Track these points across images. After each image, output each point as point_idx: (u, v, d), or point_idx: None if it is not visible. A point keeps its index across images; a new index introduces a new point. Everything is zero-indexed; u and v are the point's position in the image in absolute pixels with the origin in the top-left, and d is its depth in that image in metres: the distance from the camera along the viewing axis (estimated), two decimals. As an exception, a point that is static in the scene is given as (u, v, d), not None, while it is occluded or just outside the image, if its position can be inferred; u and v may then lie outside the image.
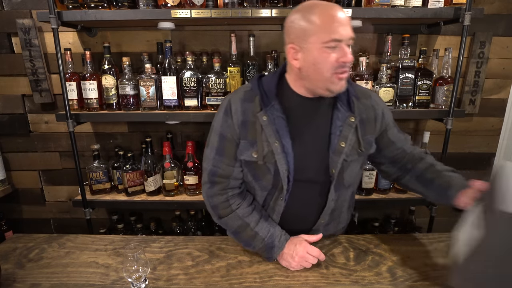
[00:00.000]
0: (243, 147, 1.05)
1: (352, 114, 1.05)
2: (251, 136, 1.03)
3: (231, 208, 1.08)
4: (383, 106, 1.14)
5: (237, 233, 1.09)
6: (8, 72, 1.85)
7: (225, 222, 1.11)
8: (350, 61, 0.94)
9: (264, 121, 1.00)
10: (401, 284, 0.95)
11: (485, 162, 2.05)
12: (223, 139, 1.06)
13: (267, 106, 1.01)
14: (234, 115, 1.04)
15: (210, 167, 1.09)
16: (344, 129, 1.04)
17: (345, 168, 1.07)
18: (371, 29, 1.82)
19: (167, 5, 1.52)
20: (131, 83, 1.64)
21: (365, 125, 1.08)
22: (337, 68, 0.94)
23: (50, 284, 0.96)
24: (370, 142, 1.11)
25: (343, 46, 0.93)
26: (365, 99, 1.10)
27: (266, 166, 1.04)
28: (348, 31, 0.93)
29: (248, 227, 1.06)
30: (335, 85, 0.97)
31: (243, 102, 1.05)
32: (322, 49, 0.92)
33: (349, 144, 1.04)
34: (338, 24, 0.91)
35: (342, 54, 0.93)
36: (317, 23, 0.91)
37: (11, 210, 2.09)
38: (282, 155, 1.01)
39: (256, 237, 1.05)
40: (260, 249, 1.06)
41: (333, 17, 0.91)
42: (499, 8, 1.78)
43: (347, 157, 1.05)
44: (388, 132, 1.15)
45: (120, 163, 1.83)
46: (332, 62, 0.93)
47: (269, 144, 1.01)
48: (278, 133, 1.01)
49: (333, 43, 0.91)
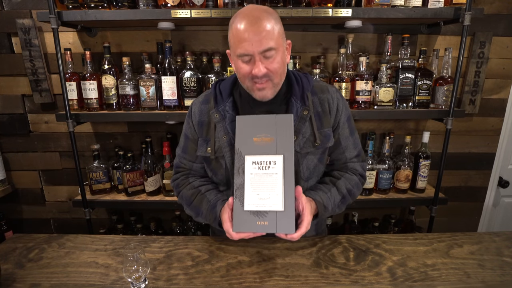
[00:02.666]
0: (200, 144, 1.13)
1: (305, 107, 1.05)
2: (206, 133, 1.12)
3: (189, 181, 1.18)
4: (340, 102, 1.11)
5: (191, 202, 1.13)
6: (8, 72, 1.85)
7: (182, 195, 1.17)
8: (260, 75, 0.93)
9: (216, 118, 1.07)
10: (401, 284, 0.95)
11: (485, 162, 2.05)
12: (186, 139, 1.18)
13: (219, 105, 1.08)
14: (193, 116, 1.14)
15: (177, 162, 1.23)
16: (297, 122, 1.05)
17: (300, 160, 1.07)
18: (371, 29, 1.82)
19: (167, 5, 1.52)
20: (131, 83, 1.64)
21: (321, 118, 1.09)
22: (252, 79, 0.96)
23: (50, 284, 0.96)
24: (327, 135, 1.09)
25: (255, 59, 0.92)
26: (322, 93, 1.10)
27: (219, 161, 1.10)
28: (256, 45, 0.90)
29: (199, 192, 1.13)
30: (255, 94, 1.00)
31: (201, 104, 1.14)
32: (239, 62, 0.96)
33: (302, 137, 1.06)
34: (243, 39, 0.90)
35: (254, 67, 0.93)
36: (230, 36, 0.96)
37: (11, 210, 2.09)
38: (228, 148, 1.06)
39: (204, 200, 1.10)
40: (206, 211, 1.07)
41: (239, 32, 0.91)
42: (499, 8, 1.78)
43: (301, 149, 1.06)
44: (338, 131, 1.12)
45: (120, 163, 1.83)
46: (245, 74, 0.96)
47: (219, 139, 1.07)
48: (227, 128, 1.07)
49: (243, 57, 0.94)
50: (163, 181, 1.78)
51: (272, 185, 0.90)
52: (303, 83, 1.07)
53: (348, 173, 1.15)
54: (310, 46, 1.85)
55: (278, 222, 0.89)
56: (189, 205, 1.14)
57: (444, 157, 1.70)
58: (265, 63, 0.93)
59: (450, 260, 1.06)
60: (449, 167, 2.01)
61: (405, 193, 1.84)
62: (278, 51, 0.94)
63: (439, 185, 1.74)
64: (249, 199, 0.91)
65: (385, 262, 1.05)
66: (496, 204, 2.17)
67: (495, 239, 1.18)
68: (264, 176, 0.91)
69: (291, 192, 0.90)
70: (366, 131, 1.96)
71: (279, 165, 0.91)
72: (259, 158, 0.92)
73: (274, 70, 0.95)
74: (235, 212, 0.91)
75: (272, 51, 0.92)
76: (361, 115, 1.64)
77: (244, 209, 0.90)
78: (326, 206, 1.05)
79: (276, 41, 0.92)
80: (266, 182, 0.91)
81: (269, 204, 0.89)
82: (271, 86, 0.99)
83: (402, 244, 1.15)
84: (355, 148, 1.17)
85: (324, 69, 1.77)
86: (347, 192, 1.12)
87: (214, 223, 1.05)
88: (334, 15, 1.50)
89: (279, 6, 1.54)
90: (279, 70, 0.96)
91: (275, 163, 0.91)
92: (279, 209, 0.89)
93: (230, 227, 0.93)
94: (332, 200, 1.07)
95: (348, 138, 1.14)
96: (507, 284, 0.95)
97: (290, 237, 0.90)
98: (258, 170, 0.92)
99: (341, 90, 1.66)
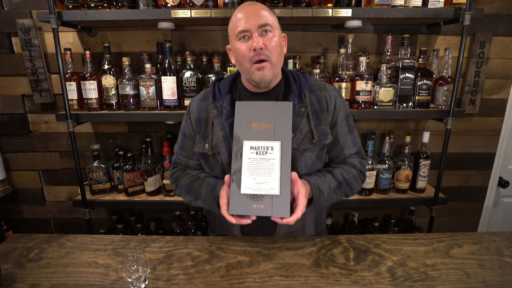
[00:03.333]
0: (198, 141, 1.15)
1: (303, 104, 1.06)
2: (204, 130, 1.13)
3: (186, 172, 1.20)
4: (338, 100, 1.12)
5: (190, 188, 1.13)
6: (8, 72, 1.85)
7: (180, 185, 1.17)
8: (258, 47, 0.96)
9: (213, 114, 1.09)
10: (401, 284, 0.95)
11: (485, 162, 2.05)
12: (184, 136, 1.21)
13: (217, 101, 1.10)
14: (191, 114, 1.17)
15: (174, 158, 1.26)
16: (295, 119, 1.05)
17: (298, 157, 1.08)
18: (371, 29, 1.82)
19: (167, 5, 1.52)
20: (131, 83, 1.64)
21: (319, 116, 1.09)
22: (252, 57, 0.98)
23: (50, 284, 0.96)
24: (325, 132, 1.09)
25: (253, 35, 0.97)
26: (320, 91, 1.11)
27: (216, 157, 1.11)
28: (253, 20, 0.96)
29: (199, 178, 1.14)
30: (254, 75, 1.01)
31: (199, 102, 1.16)
32: (238, 43, 1.00)
33: (300, 134, 1.06)
34: (242, 16, 0.97)
35: (252, 42, 0.97)
36: (230, 25, 1.03)
37: (11, 210, 2.09)
38: (224, 143, 1.07)
39: (204, 183, 1.10)
40: (206, 193, 1.07)
41: (238, 12, 1.00)
42: (499, 8, 1.78)
43: (298, 146, 1.06)
44: (336, 128, 1.13)
45: (120, 163, 1.83)
46: (246, 52, 0.99)
47: (216, 135, 1.08)
48: (224, 123, 1.08)
49: (242, 34, 0.98)
50: (163, 181, 1.78)
51: (269, 170, 0.92)
52: (300, 81, 1.08)
53: (346, 166, 1.15)
54: (310, 46, 1.85)
55: (274, 206, 0.90)
56: (188, 191, 1.14)
57: (444, 157, 1.70)
58: (263, 39, 0.97)
59: (450, 260, 1.06)
60: (449, 167, 2.01)
61: (405, 193, 1.84)
62: (275, 31, 0.99)
63: (439, 185, 1.74)
64: (246, 182, 0.92)
65: (385, 262, 1.05)
66: (496, 204, 2.17)
67: (495, 239, 1.18)
68: (261, 161, 0.93)
69: (287, 178, 0.91)
70: (366, 131, 1.96)
71: (276, 151, 0.93)
72: (257, 144, 0.94)
73: (271, 48, 0.98)
74: (232, 194, 0.93)
75: (269, 27, 0.98)
76: (361, 115, 1.64)
77: (240, 192, 0.92)
78: (321, 189, 1.04)
79: (273, 23, 0.99)
80: (263, 166, 0.92)
81: (265, 188, 0.91)
82: (269, 67, 1.00)
83: (402, 244, 1.15)
84: (354, 146, 1.16)
85: (324, 69, 1.77)
86: (344, 180, 1.10)
87: (213, 203, 1.05)
88: (334, 15, 1.50)
89: (279, 6, 1.54)
90: (276, 50, 0.99)
91: (272, 149, 0.93)
92: (275, 193, 0.90)
93: (225, 205, 0.94)
94: (327, 184, 1.06)
95: (346, 135, 1.14)
96: (507, 284, 0.95)
97: (286, 221, 0.91)
98: (255, 155, 0.94)
99: (341, 90, 1.66)
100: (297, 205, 0.93)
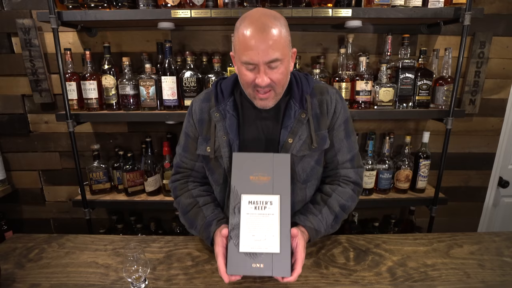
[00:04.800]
0: (200, 142, 1.12)
1: (303, 110, 1.05)
2: (206, 132, 1.11)
3: (188, 188, 1.16)
4: (339, 104, 1.10)
5: (186, 212, 1.11)
6: (8, 72, 1.85)
7: (179, 201, 1.15)
8: (263, 85, 0.92)
9: (216, 117, 1.07)
10: (401, 284, 0.95)
11: (485, 162, 2.05)
12: (187, 137, 1.17)
13: (220, 104, 1.07)
14: (193, 114, 1.13)
15: (177, 161, 1.20)
16: (295, 125, 1.05)
17: (296, 162, 1.07)
18: (371, 29, 1.82)
19: (167, 5, 1.52)
20: (131, 83, 1.64)
21: (319, 120, 1.08)
22: (254, 87, 0.96)
23: (50, 284, 0.96)
24: (324, 137, 1.09)
25: (260, 69, 0.91)
26: (321, 95, 1.10)
27: (218, 160, 1.10)
28: (262, 55, 0.88)
29: (197, 204, 1.10)
30: (256, 102, 1.00)
31: (201, 102, 1.13)
32: (242, 68, 0.95)
33: (299, 139, 1.05)
34: (249, 47, 0.88)
35: (257, 76, 0.92)
36: (236, 41, 0.93)
37: (11, 210, 2.09)
38: (227, 148, 1.06)
39: (200, 214, 1.07)
40: (200, 227, 1.05)
41: (246, 38, 0.89)
42: (499, 8, 1.78)
43: (297, 152, 1.06)
44: (333, 132, 1.11)
45: (120, 163, 1.83)
46: (249, 80, 0.95)
47: (219, 138, 1.07)
48: (227, 128, 1.06)
49: (247, 65, 0.92)
50: (163, 181, 1.78)
51: (268, 226, 0.89)
52: (302, 86, 1.07)
53: (341, 185, 1.12)
54: (310, 46, 1.85)
55: (274, 264, 0.86)
56: (184, 214, 1.12)
57: (444, 157, 1.70)
58: (269, 73, 0.92)
59: (450, 260, 1.06)
60: (449, 167, 2.01)
61: (405, 193, 1.84)
62: (283, 61, 0.93)
63: (439, 185, 1.74)
64: (244, 240, 0.88)
65: (385, 262, 1.05)
66: (496, 204, 2.17)
67: (495, 239, 1.18)
68: (260, 217, 0.89)
69: (287, 233, 0.88)
70: (366, 131, 1.96)
71: (275, 206, 0.90)
72: (256, 198, 0.91)
73: (277, 80, 0.94)
74: (230, 253, 0.88)
75: (277, 62, 0.91)
76: (361, 115, 1.64)
77: (239, 251, 0.87)
78: (318, 229, 1.03)
79: (282, 51, 0.91)
80: (262, 223, 0.89)
81: (264, 245, 0.87)
82: (273, 96, 0.99)
83: (402, 244, 1.15)
84: (349, 152, 1.13)
85: (324, 69, 1.77)
86: (340, 209, 1.09)
87: (206, 241, 1.04)
88: (334, 15, 1.50)
89: (279, 6, 1.54)
90: (282, 81, 0.96)
91: (271, 203, 0.90)
92: (275, 251, 0.87)
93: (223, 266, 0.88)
94: (324, 222, 1.05)
95: (342, 140, 1.12)
96: (507, 284, 0.95)
97: (286, 280, 0.87)
98: (254, 210, 0.90)
99: (341, 90, 1.66)
100: (296, 259, 0.89)
